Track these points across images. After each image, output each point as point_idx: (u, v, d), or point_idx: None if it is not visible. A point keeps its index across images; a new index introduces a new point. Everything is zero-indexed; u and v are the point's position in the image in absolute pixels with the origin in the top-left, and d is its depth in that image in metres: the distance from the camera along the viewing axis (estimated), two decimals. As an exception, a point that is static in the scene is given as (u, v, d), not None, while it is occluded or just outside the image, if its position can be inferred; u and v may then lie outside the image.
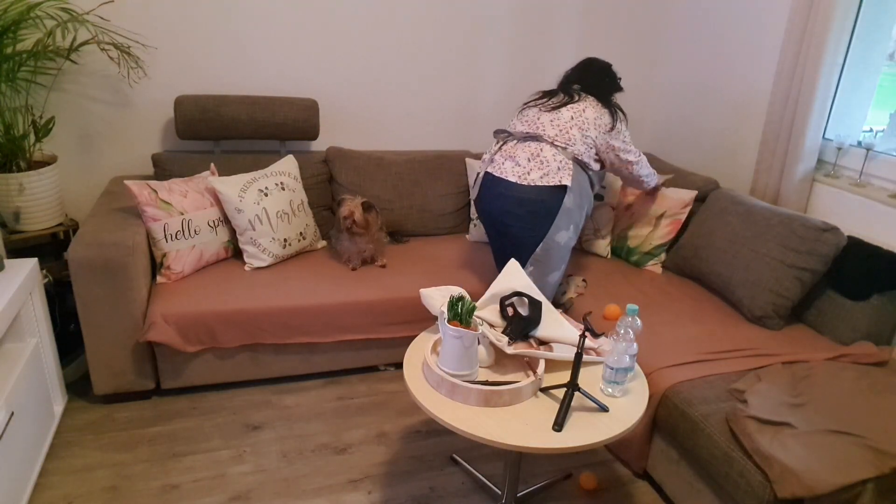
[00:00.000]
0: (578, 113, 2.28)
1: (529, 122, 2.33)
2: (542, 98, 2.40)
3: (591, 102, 2.33)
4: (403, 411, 2.41)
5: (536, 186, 2.19)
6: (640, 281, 2.68)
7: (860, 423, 1.71)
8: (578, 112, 2.29)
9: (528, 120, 2.34)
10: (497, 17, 3.11)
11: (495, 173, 2.29)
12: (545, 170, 2.20)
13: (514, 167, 2.24)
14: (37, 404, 2.00)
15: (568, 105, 2.31)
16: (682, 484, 1.95)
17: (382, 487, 2.04)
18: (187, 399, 2.41)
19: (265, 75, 2.87)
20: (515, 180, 2.22)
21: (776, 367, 2.00)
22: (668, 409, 1.93)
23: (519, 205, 2.21)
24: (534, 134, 2.27)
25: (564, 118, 2.27)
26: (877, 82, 2.49)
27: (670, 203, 2.79)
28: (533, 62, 3.25)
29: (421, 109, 3.19)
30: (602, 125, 2.29)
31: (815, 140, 2.48)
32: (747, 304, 2.35)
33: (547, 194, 2.19)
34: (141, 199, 2.31)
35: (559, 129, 2.25)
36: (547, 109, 2.32)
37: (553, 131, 2.26)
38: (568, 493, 2.07)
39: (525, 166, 2.23)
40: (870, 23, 2.40)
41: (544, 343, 1.78)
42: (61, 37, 2.48)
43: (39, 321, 2.10)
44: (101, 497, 1.93)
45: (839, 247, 2.23)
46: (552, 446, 1.44)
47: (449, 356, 1.59)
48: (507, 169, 2.26)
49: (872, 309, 2.16)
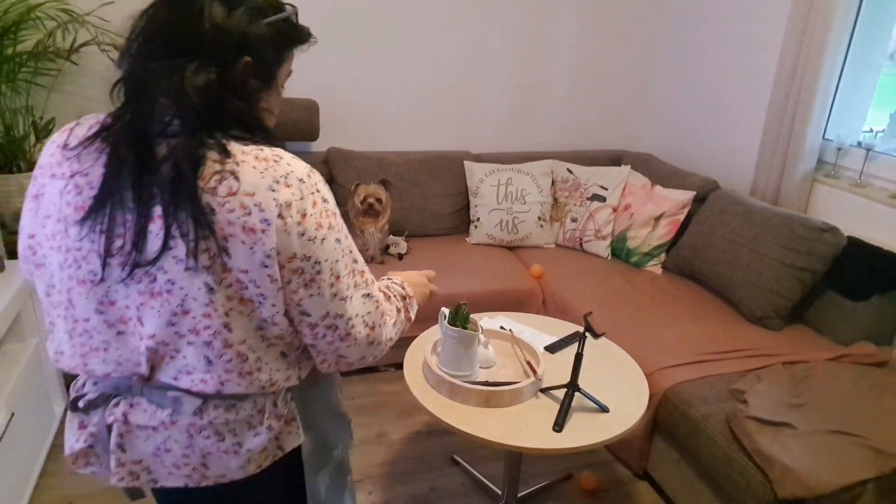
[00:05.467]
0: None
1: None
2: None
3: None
4: (404, 412, 2.41)
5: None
6: (641, 281, 2.67)
7: (860, 424, 1.70)
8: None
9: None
10: (497, 16, 3.11)
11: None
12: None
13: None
14: (37, 405, 2.00)
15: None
16: (682, 484, 1.95)
17: (383, 488, 2.03)
18: (188, 399, 2.41)
19: (265, 76, 2.87)
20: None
21: (776, 368, 1.99)
22: (668, 410, 1.93)
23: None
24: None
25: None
26: (877, 82, 2.49)
27: (669, 204, 2.79)
28: (533, 62, 3.25)
29: (421, 110, 3.18)
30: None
31: (815, 140, 2.47)
32: (747, 305, 2.35)
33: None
34: (141, 199, 2.29)
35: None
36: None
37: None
38: (568, 493, 2.07)
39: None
40: (870, 23, 2.40)
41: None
42: (61, 38, 2.48)
43: (40, 322, 2.10)
44: (101, 497, 1.93)
45: (839, 247, 2.23)
46: (552, 447, 1.44)
47: (449, 357, 1.59)
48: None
49: (872, 309, 2.15)
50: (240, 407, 0.90)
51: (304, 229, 0.81)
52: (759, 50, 2.78)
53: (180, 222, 0.77)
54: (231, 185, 0.78)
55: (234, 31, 0.82)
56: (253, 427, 0.91)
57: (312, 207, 0.83)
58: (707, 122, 3.13)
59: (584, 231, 2.96)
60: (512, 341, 1.82)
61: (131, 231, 0.79)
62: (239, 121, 0.84)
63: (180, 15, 0.80)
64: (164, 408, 0.89)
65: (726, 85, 2.99)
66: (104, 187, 0.80)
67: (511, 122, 3.35)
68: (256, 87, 0.87)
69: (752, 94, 2.84)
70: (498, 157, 3.19)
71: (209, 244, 0.78)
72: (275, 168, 0.81)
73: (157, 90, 0.79)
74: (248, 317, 0.84)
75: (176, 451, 0.90)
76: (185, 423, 0.88)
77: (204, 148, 0.78)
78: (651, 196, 2.87)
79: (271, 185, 0.79)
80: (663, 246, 2.81)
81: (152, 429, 0.89)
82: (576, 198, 3.02)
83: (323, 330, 0.89)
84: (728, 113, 2.99)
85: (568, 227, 3.01)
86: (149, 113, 0.80)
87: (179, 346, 0.84)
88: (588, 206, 2.97)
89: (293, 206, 0.80)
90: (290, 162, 0.83)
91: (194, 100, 0.79)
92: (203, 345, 0.83)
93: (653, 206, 2.83)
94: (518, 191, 2.97)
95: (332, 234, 0.85)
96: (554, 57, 3.28)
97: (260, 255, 0.80)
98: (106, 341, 0.87)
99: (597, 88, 3.42)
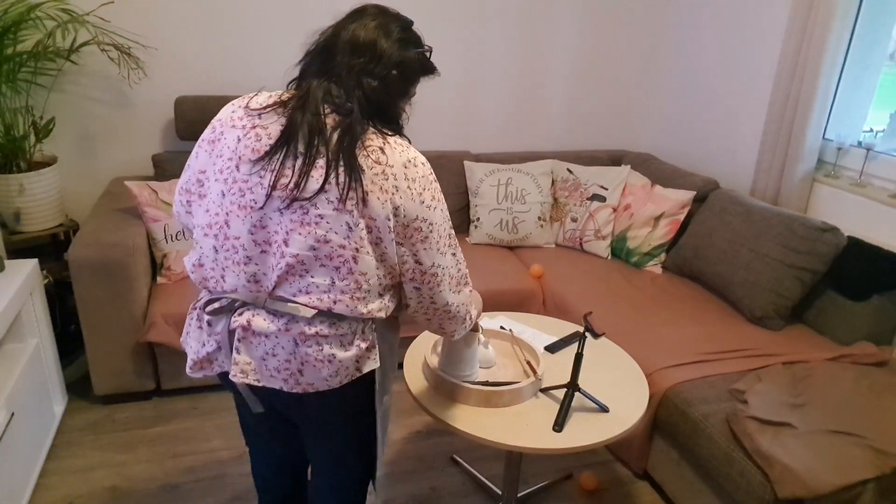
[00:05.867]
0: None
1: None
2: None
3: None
4: (404, 412, 2.41)
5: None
6: (641, 281, 2.67)
7: (860, 424, 1.70)
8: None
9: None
10: (497, 17, 3.11)
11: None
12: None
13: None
14: (37, 405, 2.00)
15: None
16: (682, 484, 1.95)
17: (383, 487, 2.04)
18: (188, 399, 2.41)
19: (265, 75, 2.87)
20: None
21: (776, 368, 1.99)
22: (668, 410, 1.93)
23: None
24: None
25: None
26: (877, 82, 2.49)
27: (669, 204, 2.79)
28: (533, 62, 3.25)
29: (421, 109, 3.18)
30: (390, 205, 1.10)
31: (815, 140, 2.47)
32: (747, 305, 2.35)
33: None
34: (141, 199, 2.31)
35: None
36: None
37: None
38: (568, 493, 2.07)
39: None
40: (870, 22, 2.40)
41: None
42: (61, 38, 2.48)
43: (40, 322, 2.10)
44: (101, 497, 1.93)
45: (839, 247, 2.23)
46: (552, 447, 1.44)
47: (449, 357, 1.59)
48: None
49: (872, 309, 2.16)
50: (339, 325, 1.13)
51: (423, 199, 1.11)
52: (760, 50, 2.78)
53: (338, 174, 1.04)
54: (379, 157, 1.07)
55: (395, 54, 1.13)
56: (345, 344, 1.14)
57: (430, 185, 1.12)
58: (707, 122, 3.13)
59: (584, 231, 2.96)
60: (512, 341, 1.82)
61: (296, 174, 1.04)
62: (386, 114, 1.14)
63: (360, 36, 1.12)
64: (282, 318, 1.11)
65: (726, 85, 2.99)
66: (281, 139, 1.06)
67: (511, 122, 3.35)
68: (399, 94, 1.17)
69: (752, 93, 2.84)
70: (498, 156, 3.19)
71: (355, 194, 1.05)
72: (408, 153, 1.11)
73: (331, 82, 1.09)
74: (372, 256, 1.10)
75: (281, 356, 1.12)
76: (296, 331, 1.10)
77: (367, 127, 1.09)
78: (651, 196, 2.88)
79: (405, 162, 1.09)
80: (663, 246, 2.81)
81: (265, 336, 1.11)
82: (576, 198, 3.02)
83: (429, 277, 1.16)
84: (728, 113, 2.99)
85: (568, 227, 3.01)
86: (327, 95, 1.08)
87: (313, 267, 1.08)
88: (588, 206, 2.97)
89: (417, 181, 1.10)
90: (414, 150, 1.14)
91: (367, 91, 1.10)
92: (333, 269, 1.08)
93: (653, 206, 2.83)
94: (518, 191, 2.97)
95: (440, 206, 1.15)
96: (554, 57, 3.28)
97: (388, 209, 1.07)
98: (248, 256, 1.10)
99: (597, 88, 3.42)
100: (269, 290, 1.11)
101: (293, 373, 1.13)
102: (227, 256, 1.12)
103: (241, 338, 1.13)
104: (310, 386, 1.14)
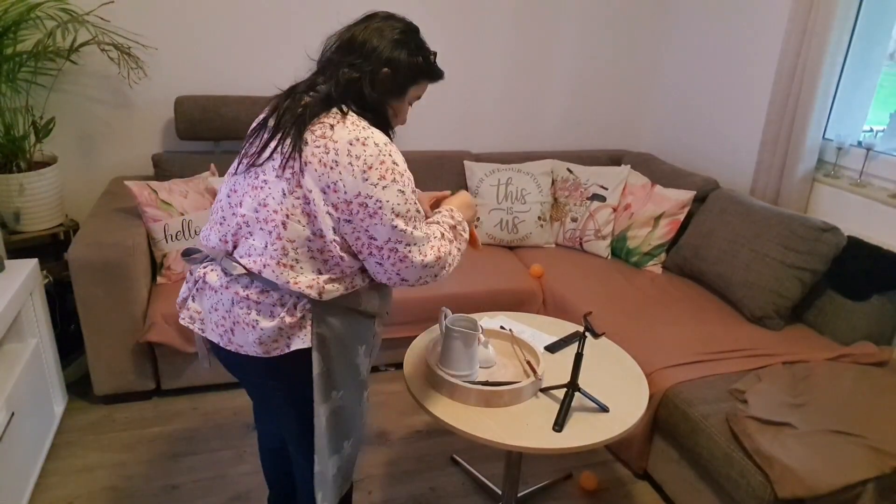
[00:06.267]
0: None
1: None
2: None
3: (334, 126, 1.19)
4: (403, 411, 2.41)
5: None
6: (641, 281, 2.67)
7: (861, 424, 1.71)
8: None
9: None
10: (497, 15, 3.11)
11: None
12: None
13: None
14: (37, 405, 2.00)
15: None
16: (682, 484, 1.95)
17: (383, 487, 2.04)
18: (188, 399, 2.41)
19: (265, 75, 2.87)
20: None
21: (776, 368, 1.99)
22: (668, 410, 1.93)
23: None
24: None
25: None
26: (877, 82, 2.49)
27: (669, 203, 2.79)
28: (534, 61, 3.25)
29: (421, 109, 3.18)
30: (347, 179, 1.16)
31: (815, 140, 2.47)
32: (747, 304, 2.35)
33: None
34: (141, 199, 2.31)
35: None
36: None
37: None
38: (568, 493, 2.07)
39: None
40: (870, 22, 2.40)
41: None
42: (61, 37, 2.48)
43: (40, 321, 2.10)
44: (101, 497, 1.93)
45: (839, 247, 2.23)
46: (552, 446, 1.44)
47: (449, 357, 1.59)
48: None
49: (872, 309, 2.16)
50: (269, 294, 1.20)
51: (367, 176, 1.13)
52: (759, 50, 2.78)
53: (283, 145, 1.17)
54: (325, 133, 1.15)
55: (385, 53, 1.22)
56: (270, 315, 1.20)
57: (380, 165, 1.14)
58: (707, 122, 3.13)
59: (584, 231, 2.96)
60: (512, 341, 1.82)
61: (261, 144, 1.21)
62: (364, 103, 1.21)
63: (357, 37, 1.23)
64: (228, 276, 1.24)
65: (726, 85, 2.99)
66: (263, 119, 1.27)
67: (511, 121, 3.35)
68: (389, 90, 1.25)
69: (752, 93, 2.84)
70: (498, 156, 3.19)
71: (294, 164, 1.15)
72: (361, 132, 1.15)
73: (319, 75, 1.25)
74: (303, 226, 1.16)
75: (220, 312, 1.24)
76: (233, 290, 1.22)
77: (325, 108, 1.19)
78: (651, 196, 2.88)
79: (351, 140, 1.14)
80: (663, 246, 2.81)
81: (213, 290, 1.25)
82: (576, 197, 3.02)
83: (387, 252, 1.18)
84: (728, 113, 2.99)
85: (568, 227, 3.01)
86: (311, 84, 1.25)
87: (255, 229, 1.20)
88: (588, 205, 2.97)
89: (361, 158, 1.13)
90: (374, 132, 1.17)
91: (341, 83, 1.20)
92: (267, 233, 1.17)
93: (653, 205, 2.83)
94: (518, 190, 2.97)
95: (395, 185, 1.16)
96: (554, 56, 3.28)
97: (323, 182, 1.14)
98: (224, 217, 1.25)
99: (597, 88, 3.42)
100: (231, 249, 1.25)
101: (226, 330, 1.24)
102: (214, 219, 1.29)
103: (199, 288, 1.30)
104: (240, 347, 1.24)
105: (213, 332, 1.28)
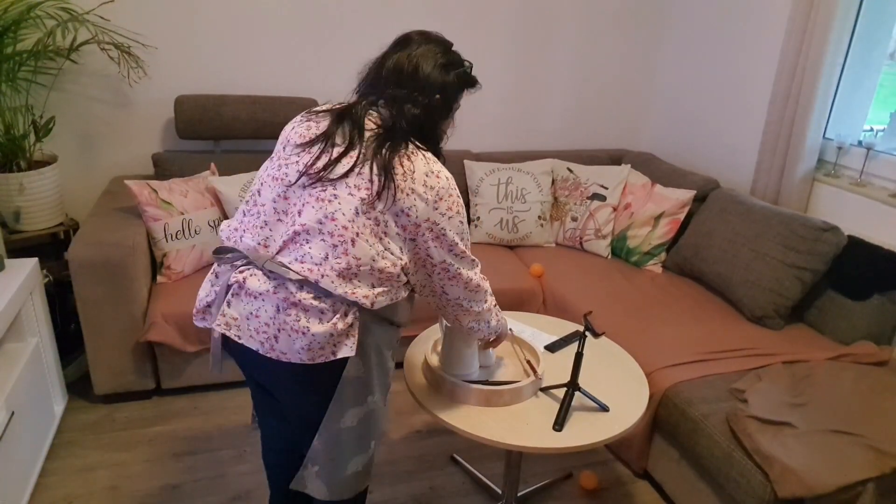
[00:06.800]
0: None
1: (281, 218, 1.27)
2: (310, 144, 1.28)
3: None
4: (404, 411, 2.41)
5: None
6: (641, 281, 2.67)
7: (861, 423, 1.71)
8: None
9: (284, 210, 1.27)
10: (497, 15, 3.11)
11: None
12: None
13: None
14: (37, 404, 2.00)
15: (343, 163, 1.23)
16: (682, 484, 1.95)
17: (383, 487, 2.04)
18: (188, 399, 2.41)
19: (265, 75, 2.87)
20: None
21: (776, 367, 1.99)
22: (668, 409, 1.93)
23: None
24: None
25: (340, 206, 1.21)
26: (877, 81, 2.49)
27: (669, 203, 2.79)
28: (534, 61, 3.25)
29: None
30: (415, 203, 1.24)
31: (815, 139, 2.47)
32: (748, 304, 2.35)
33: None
34: (141, 198, 2.31)
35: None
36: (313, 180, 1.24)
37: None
38: (568, 492, 2.07)
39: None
40: (870, 22, 2.40)
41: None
42: (61, 37, 2.48)
43: (40, 321, 2.10)
44: (101, 497, 1.93)
45: (839, 246, 2.23)
46: (552, 446, 1.44)
47: (449, 356, 1.59)
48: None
49: (873, 309, 2.15)
50: (323, 299, 1.20)
51: (437, 205, 1.24)
52: (760, 49, 2.78)
53: (372, 171, 1.19)
54: (404, 163, 1.22)
55: (437, 80, 1.29)
56: (322, 319, 1.19)
57: (448, 197, 1.25)
58: (707, 121, 3.13)
59: (584, 230, 2.96)
60: (512, 341, 1.82)
61: (329, 160, 1.21)
62: (424, 135, 1.30)
63: (403, 66, 1.29)
64: (274, 279, 1.21)
65: (727, 84, 2.99)
66: (326, 132, 1.25)
67: (511, 121, 3.35)
68: (442, 115, 1.34)
69: (752, 93, 2.84)
70: (498, 156, 3.19)
71: (373, 187, 1.19)
72: (433, 164, 1.26)
73: (377, 102, 1.29)
74: (370, 245, 1.20)
75: (262, 318, 1.22)
76: (283, 295, 1.19)
77: (403, 143, 1.24)
78: (651, 195, 2.88)
79: (427, 172, 1.23)
80: (663, 245, 2.81)
81: (254, 296, 1.22)
82: (576, 197, 3.02)
83: (439, 269, 1.29)
84: (728, 112, 2.99)
85: (568, 227, 3.01)
86: (371, 108, 1.29)
87: (314, 239, 1.19)
88: (588, 205, 2.97)
89: (434, 189, 1.23)
90: (442, 167, 1.29)
91: (408, 117, 1.27)
92: (331, 246, 1.18)
93: (653, 205, 2.83)
94: (518, 190, 2.97)
95: (458, 217, 1.28)
96: (554, 56, 3.27)
97: (398, 207, 1.20)
98: (266, 221, 1.25)
99: (597, 87, 3.41)
100: (273, 254, 1.23)
101: (269, 337, 1.22)
102: (251, 220, 1.28)
103: (234, 293, 1.25)
104: (282, 354, 1.21)
105: (252, 338, 1.24)
